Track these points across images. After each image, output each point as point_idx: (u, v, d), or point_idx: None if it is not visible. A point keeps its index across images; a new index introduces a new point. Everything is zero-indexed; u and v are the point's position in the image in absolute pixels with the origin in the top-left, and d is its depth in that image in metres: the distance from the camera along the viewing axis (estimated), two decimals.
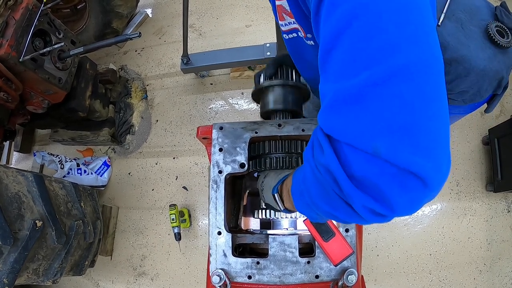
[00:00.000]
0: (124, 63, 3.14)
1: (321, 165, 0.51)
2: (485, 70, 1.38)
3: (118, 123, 2.88)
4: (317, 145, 0.52)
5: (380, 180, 0.44)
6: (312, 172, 0.55)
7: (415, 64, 0.44)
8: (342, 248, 0.86)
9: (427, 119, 0.43)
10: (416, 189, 0.44)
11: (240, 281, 0.90)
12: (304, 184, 0.61)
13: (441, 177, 0.44)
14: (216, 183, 0.96)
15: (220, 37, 2.98)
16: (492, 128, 2.26)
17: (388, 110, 0.43)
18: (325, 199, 0.54)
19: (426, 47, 0.47)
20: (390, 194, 0.44)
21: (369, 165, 0.44)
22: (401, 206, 0.45)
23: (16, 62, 1.81)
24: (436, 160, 0.44)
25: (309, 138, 1.00)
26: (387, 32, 0.45)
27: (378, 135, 0.43)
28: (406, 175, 0.43)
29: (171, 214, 2.40)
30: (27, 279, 1.70)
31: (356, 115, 0.45)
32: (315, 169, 0.54)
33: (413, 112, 0.43)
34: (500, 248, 2.20)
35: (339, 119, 0.47)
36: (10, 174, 1.65)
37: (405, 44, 0.45)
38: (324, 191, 0.53)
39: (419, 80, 0.44)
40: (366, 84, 0.44)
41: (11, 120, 2.23)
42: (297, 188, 0.67)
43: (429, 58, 0.46)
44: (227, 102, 2.83)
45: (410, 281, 2.21)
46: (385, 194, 0.45)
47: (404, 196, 0.44)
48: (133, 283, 2.56)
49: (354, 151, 0.45)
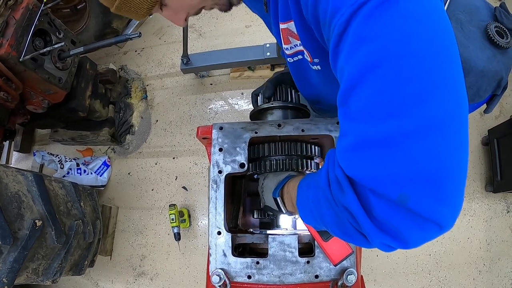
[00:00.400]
0: (124, 63, 3.14)
1: (339, 203, 0.52)
2: (484, 71, 1.38)
3: (118, 123, 2.88)
4: (335, 183, 0.52)
5: (401, 225, 0.46)
6: (328, 202, 0.56)
7: (446, 116, 0.44)
8: (341, 248, 0.86)
9: (454, 170, 0.44)
10: (433, 232, 0.46)
11: (240, 281, 0.90)
12: (315, 207, 0.61)
13: (455, 219, 0.46)
14: (216, 183, 0.96)
15: (220, 38, 2.99)
16: (492, 129, 2.26)
17: (417, 161, 0.43)
18: (340, 227, 0.55)
19: (457, 96, 0.46)
20: (408, 235, 0.46)
21: (392, 212, 0.46)
22: (415, 244, 0.47)
23: (16, 61, 1.81)
24: (456, 208, 0.45)
25: (308, 139, 1.01)
26: (420, 79, 0.44)
27: (405, 185, 0.44)
28: (427, 222, 0.45)
29: (171, 214, 2.40)
30: (26, 278, 1.70)
31: (383, 162, 0.45)
32: (332, 202, 0.54)
33: (441, 164, 0.44)
34: (499, 248, 2.20)
35: (364, 163, 0.47)
36: (10, 173, 1.65)
37: (437, 94, 0.44)
38: (339, 220, 0.54)
39: (449, 132, 0.44)
40: (396, 133, 0.44)
41: (11, 120, 2.23)
42: (305, 205, 0.67)
43: (459, 107, 0.46)
44: (227, 102, 2.83)
45: (409, 281, 2.22)
46: (403, 235, 0.46)
47: (420, 237, 0.47)
48: (133, 283, 2.56)
49: (378, 197, 0.46)
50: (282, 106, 1.10)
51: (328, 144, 1.03)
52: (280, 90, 1.12)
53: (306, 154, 1.00)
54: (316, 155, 1.02)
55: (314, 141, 1.04)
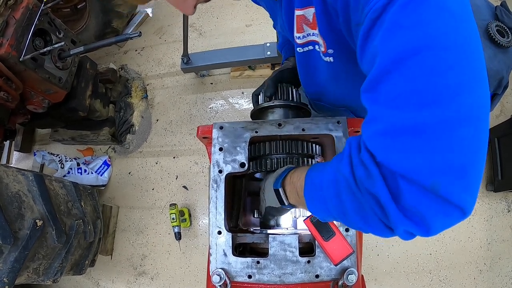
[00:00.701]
0: (124, 62, 3.14)
1: (365, 190, 0.52)
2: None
3: (118, 122, 2.88)
4: (361, 168, 0.53)
5: (428, 211, 0.47)
6: (349, 188, 0.56)
7: (478, 109, 0.46)
8: (342, 248, 0.86)
9: (480, 160, 0.47)
10: (457, 217, 0.48)
11: (240, 281, 0.90)
12: (331, 195, 0.61)
13: (474, 206, 0.49)
14: (216, 182, 0.96)
15: (221, 37, 2.98)
16: (492, 128, 2.26)
17: (451, 150, 0.45)
18: (361, 214, 0.56)
19: (485, 90, 0.48)
20: (433, 222, 0.48)
21: (422, 198, 0.47)
22: (437, 230, 0.49)
23: (17, 61, 1.81)
24: (476, 195, 0.48)
25: (309, 138, 1.01)
26: (457, 71, 0.46)
27: (439, 173, 0.45)
28: (454, 208, 0.47)
29: (171, 213, 2.40)
30: (27, 278, 1.71)
31: (418, 150, 0.46)
32: (354, 188, 0.54)
33: (472, 155, 0.46)
34: (500, 247, 2.20)
35: (398, 149, 0.48)
36: (10, 173, 1.65)
37: (472, 87, 0.46)
38: (361, 207, 0.55)
39: (480, 125, 0.46)
40: (433, 122, 0.45)
41: (11, 120, 2.23)
42: (316, 194, 0.67)
43: (487, 102, 0.48)
44: (227, 101, 2.83)
45: (410, 280, 2.21)
46: (428, 221, 0.48)
47: (444, 223, 0.48)
48: (133, 283, 2.56)
49: (409, 183, 0.47)
50: (284, 105, 1.09)
51: (329, 143, 1.03)
52: (281, 88, 1.11)
53: (307, 153, 1.00)
54: (317, 153, 1.02)
55: (315, 140, 1.04)
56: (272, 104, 1.09)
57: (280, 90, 1.11)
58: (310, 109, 1.15)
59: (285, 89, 1.11)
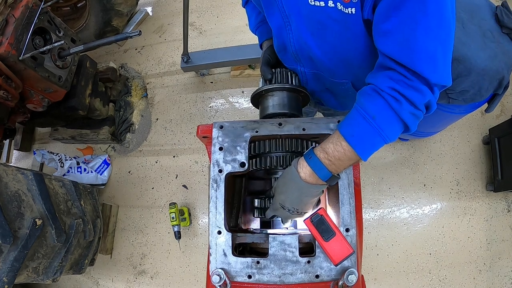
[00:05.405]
0: (124, 61, 3.14)
1: (421, 104, 0.80)
2: (485, 70, 1.38)
3: (118, 121, 2.88)
4: (416, 93, 0.78)
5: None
6: (407, 111, 0.80)
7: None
8: (342, 248, 0.86)
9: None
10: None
11: (240, 281, 0.89)
12: (394, 114, 0.81)
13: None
14: (216, 182, 0.96)
15: (221, 36, 2.98)
16: (493, 128, 2.25)
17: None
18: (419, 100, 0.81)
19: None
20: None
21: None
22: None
23: (16, 60, 1.80)
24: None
25: (309, 137, 1.01)
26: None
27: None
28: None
29: (171, 212, 2.40)
30: (27, 277, 1.70)
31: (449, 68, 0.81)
32: (412, 108, 0.80)
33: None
34: (500, 247, 2.20)
35: (448, 72, 0.80)
36: (10, 172, 1.65)
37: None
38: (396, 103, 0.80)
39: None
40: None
41: (11, 119, 2.22)
42: (367, 126, 0.81)
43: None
44: (227, 100, 2.82)
45: (410, 280, 2.22)
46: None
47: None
48: (133, 282, 2.56)
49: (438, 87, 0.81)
50: (282, 88, 1.10)
51: None
52: (281, 73, 1.13)
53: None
54: None
55: (315, 139, 1.04)
56: (271, 87, 1.10)
57: (279, 74, 1.13)
58: (308, 94, 1.15)
59: (284, 74, 1.13)
